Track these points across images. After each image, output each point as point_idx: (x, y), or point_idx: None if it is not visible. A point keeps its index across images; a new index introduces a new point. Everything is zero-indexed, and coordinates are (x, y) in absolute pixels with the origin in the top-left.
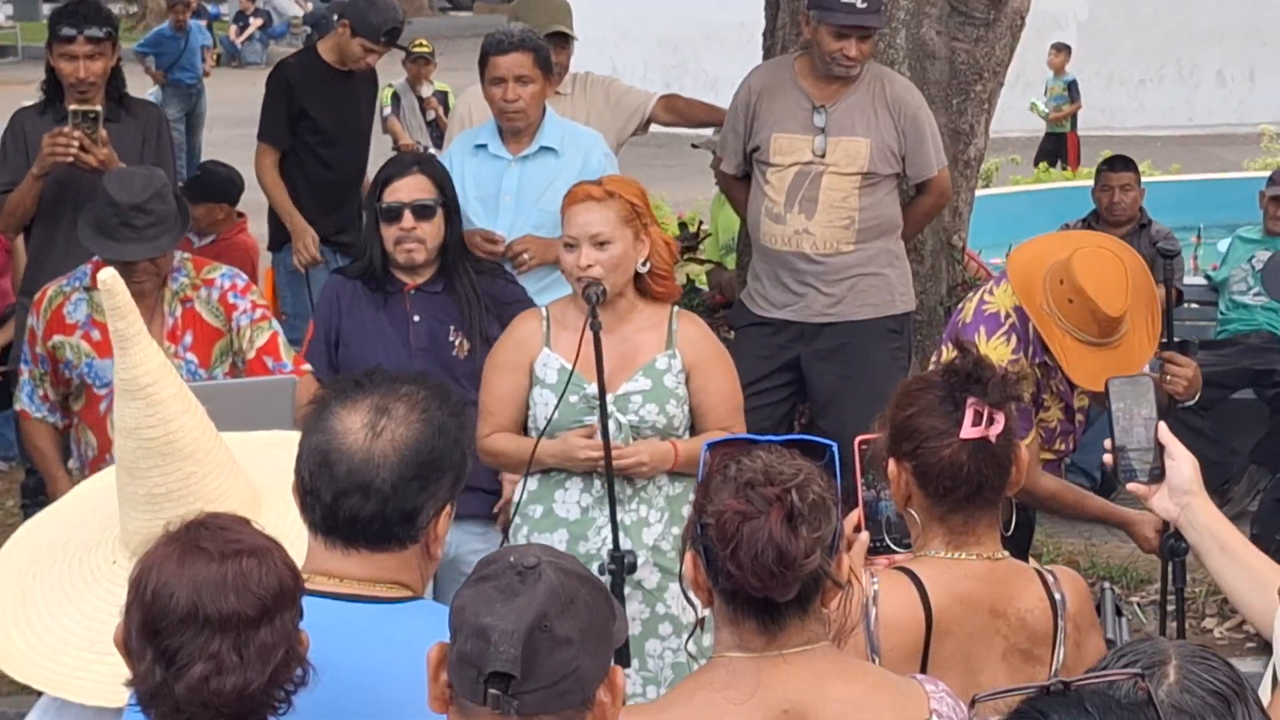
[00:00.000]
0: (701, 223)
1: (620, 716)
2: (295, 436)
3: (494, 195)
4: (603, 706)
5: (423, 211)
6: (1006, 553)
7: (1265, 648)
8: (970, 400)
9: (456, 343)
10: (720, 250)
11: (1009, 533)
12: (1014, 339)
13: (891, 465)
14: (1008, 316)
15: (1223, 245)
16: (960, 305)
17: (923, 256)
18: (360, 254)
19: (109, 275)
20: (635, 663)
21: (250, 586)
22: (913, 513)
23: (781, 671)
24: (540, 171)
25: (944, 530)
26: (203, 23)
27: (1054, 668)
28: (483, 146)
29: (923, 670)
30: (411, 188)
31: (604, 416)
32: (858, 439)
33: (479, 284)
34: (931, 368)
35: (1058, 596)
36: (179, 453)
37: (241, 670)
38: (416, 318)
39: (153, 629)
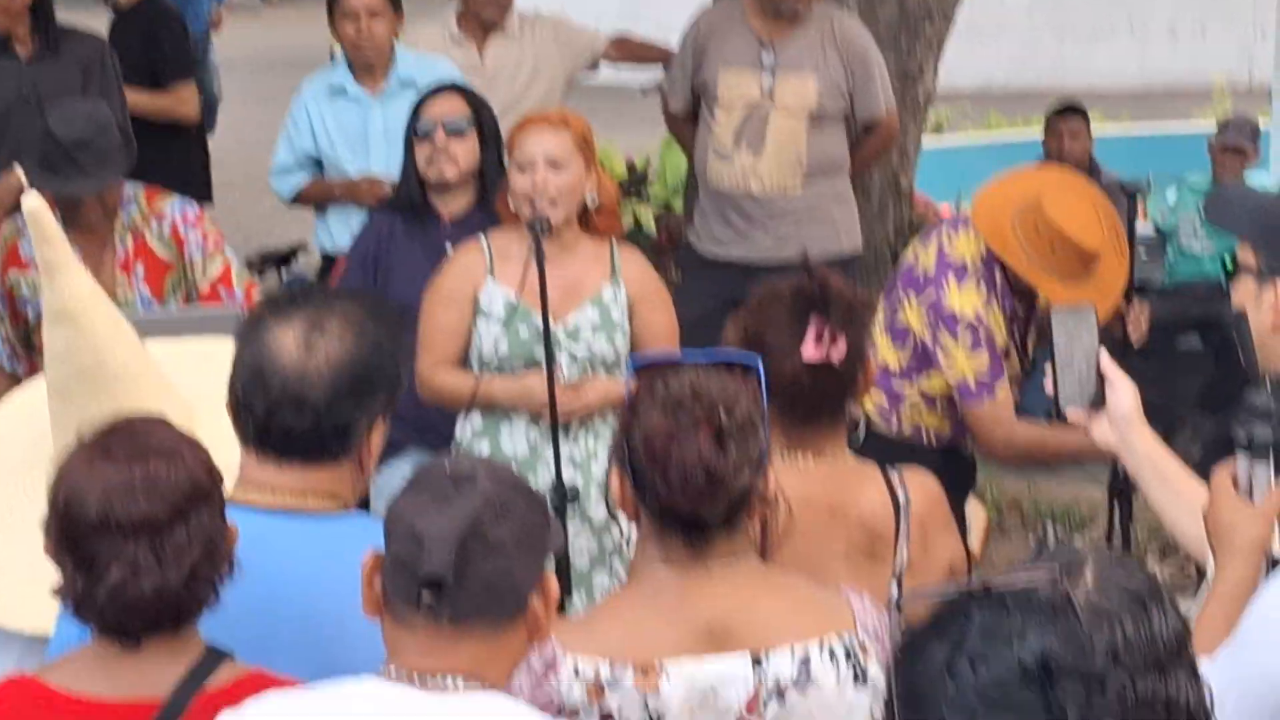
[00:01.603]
0: (649, 163)
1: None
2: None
3: (361, 137)
4: (535, 613)
5: (454, 129)
6: (850, 454)
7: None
8: (813, 319)
9: None
10: (669, 191)
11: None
12: (983, 286)
13: None
14: (974, 263)
15: (1171, 195)
16: (913, 254)
17: (870, 196)
18: (395, 188)
19: (34, 203)
20: (583, 594)
21: (159, 488)
22: None
23: (707, 586)
24: (405, 105)
25: (782, 435)
26: None
27: (897, 568)
28: (340, 90)
29: None
30: (445, 106)
31: (549, 348)
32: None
33: None
34: (882, 315)
35: (901, 496)
36: (110, 377)
37: (159, 572)
38: (450, 248)
39: (69, 537)
